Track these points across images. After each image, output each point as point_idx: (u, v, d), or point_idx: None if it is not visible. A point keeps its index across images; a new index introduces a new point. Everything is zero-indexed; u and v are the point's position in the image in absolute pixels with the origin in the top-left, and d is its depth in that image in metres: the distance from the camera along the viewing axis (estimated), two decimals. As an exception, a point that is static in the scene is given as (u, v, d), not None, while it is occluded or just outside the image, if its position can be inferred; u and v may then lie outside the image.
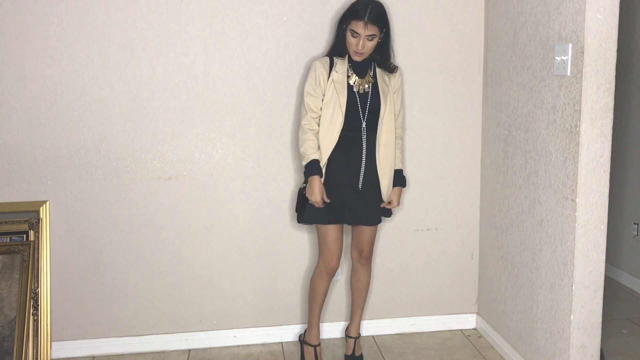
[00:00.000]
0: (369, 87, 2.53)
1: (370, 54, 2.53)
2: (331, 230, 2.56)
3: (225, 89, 2.78)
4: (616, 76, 2.17)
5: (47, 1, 2.62)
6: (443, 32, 2.88)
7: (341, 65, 2.52)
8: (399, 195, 2.64)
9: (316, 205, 2.50)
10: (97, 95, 2.71)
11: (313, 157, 2.50)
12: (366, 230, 2.64)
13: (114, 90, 2.72)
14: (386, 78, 2.58)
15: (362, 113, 2.52)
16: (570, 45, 2.18)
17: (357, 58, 2.49)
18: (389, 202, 2.61)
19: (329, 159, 2.51)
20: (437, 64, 2.90)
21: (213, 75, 2.77)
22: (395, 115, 2.60)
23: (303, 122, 2.54)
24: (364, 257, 2.70)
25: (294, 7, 2.75)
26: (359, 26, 2.39)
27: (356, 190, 2.54)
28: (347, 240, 2.81)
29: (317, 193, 2.48)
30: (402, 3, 2.82)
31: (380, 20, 2.42)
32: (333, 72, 2.51)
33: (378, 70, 2.57)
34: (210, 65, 2.76)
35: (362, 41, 2.42)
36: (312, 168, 2.50)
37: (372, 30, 2.40)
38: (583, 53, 2.12)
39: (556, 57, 2.26)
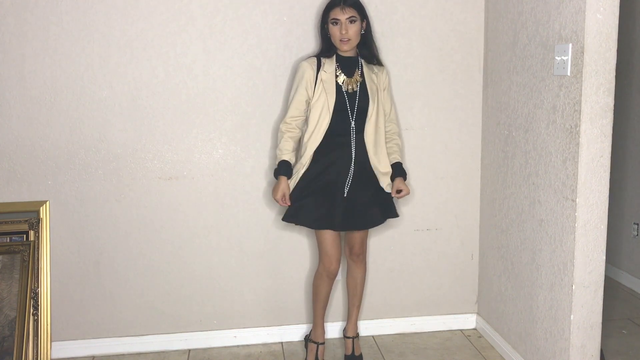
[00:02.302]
0: (357, 86, 2.54)
1: (357, 51, 2.57)
2: (328, 234, 2.56)
3: (225, 89, 2.78)
4: (616, 76, 2.17)
5: (47, 1, 2.62)
6: (443, 32, 2.88)
7: (329, 65, 2.54)
8: (404, 183, 2.63)
9: (279, 204, 2.55)
10: (97, 95, 2.71)
11: (284, 157, 2.54)
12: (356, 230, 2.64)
13: (114, 90, 2.72)
14: (374, 76, 2.59)
15: (351, 112, 2.53)
16: (570, 45, 2.18)
17: (344, 47, 2.50)
18: (398, 192, 2.60)
19: (314, 161, 2.52)
20: (437, 64, 2.90)
21: (213, 75, 2.77)
22: (385, 114, 2.62)
23: (281, 125, 2.58)
24: (354, 254, 2.70)
25: (294, 7, 2.75)
26: (336, 12, 2.46)
27: (343, 197, 2.53)
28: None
29: (278, 192, 2.52)
30: (402, 3, 2.82)
31: (356, 4, 2.48)
32: (321, 72, 2.53)
33: (365, 68, 2.58)
34: (210, 65, 2.76)
35: (344, 26, 2.45)
36: (280, 168, 2.54)
37: (350, 12, 2.45)
38: (583, 53, 2.12)
39: (556, 57, 2.26)
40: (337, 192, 2.53)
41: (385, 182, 2.59)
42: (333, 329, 2.99)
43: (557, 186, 2.32)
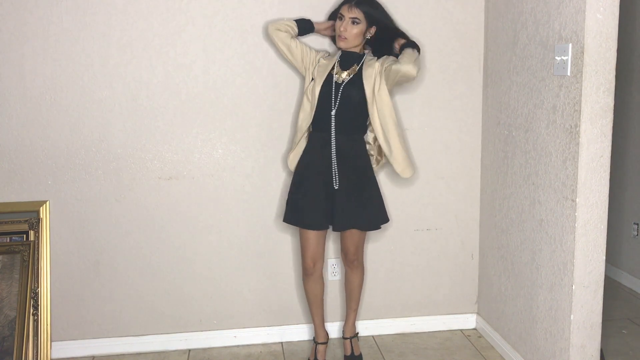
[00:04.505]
0: (348, 77, 2.51)
1: (364, 49, 2.56)
2: (308, 231, 2.56)
3: (225, 89, 2.79)
4: (616, 76, 2.17)
5: (47, 1, 2.62)
6: (443, 32, 2.88)
7: (332, 56, 2.57)
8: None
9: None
10: (97, 95, 2.71)
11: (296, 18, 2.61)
12: (348, 232, 2.60)
13: (114, 90, 2.72)
14: (372, 62, 2.53)
15: (334, 100, 2.49)
16: (570, 45, 2.18)
17: (341, 44, 2.50)
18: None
19: (302, 158, 2.56)
20: (437, 64, 2.90)
21: (213, 75, 2.77)
22: (388, 95, 2.51)
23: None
24: (349, 260, 2.67)
25: (294, 7, 2.75)
26: (344, 9, 2.47)
27: (333, 191, 2.50)
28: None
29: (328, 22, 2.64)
30: (402, 3, 2.82)
31: (366, 7, 2.45)
32: (321, 59, 2.57)
33: (366, 63, 2.53)
34: (210, 65, 2.76)
35: (345, 23, 2.45)
36: (303, 20, 2.61)
37: (355, 13, 2.44)
38: (583, 53, 2.12)
39: (556, 57, 2.26)
40: (327, 189, 2.50)
41: (399, 167, 2.55)
42: (333, 329, 2.99)
43: (557, 186, 2.32)
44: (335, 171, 2.49)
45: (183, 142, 2.80)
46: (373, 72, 2.50)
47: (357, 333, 2.84)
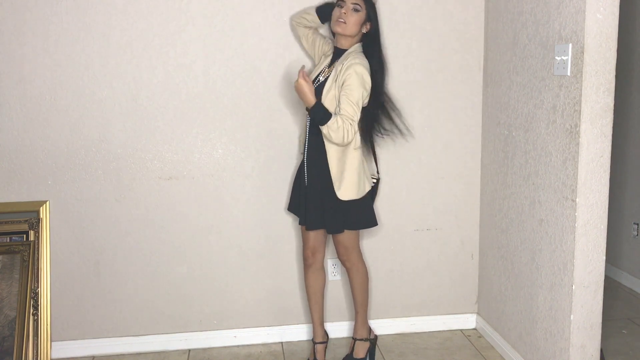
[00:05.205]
0: (324, 77, 2.47)
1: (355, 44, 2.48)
2: None
3: (225, 89, 2.79)
4: (616, 76, 2.17)
5: (47, 1, 2.62)
6: (443, 32, 2.88)
7: (329, 55, 2.55)
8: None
9: None
10: (97, 95, 2.71)
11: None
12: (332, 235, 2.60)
13: (114, 90, 2.72)
14: (339, 67, 2.39)
15: None
16: (570, 45, 2.18)
17: (338, 28, 2.41)
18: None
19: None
20: (437, 64, 2.90)
21: (213, 75, 2.77)
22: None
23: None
24: (340, 260, 2.67)
25: (293, 7, 2.75)
26: None
27: (304, 187, 2.53)
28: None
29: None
30: (402, 3, 2.82)
31: (368, 0, 2.44)
32: (323, 56, 2.58)
33: (339, 61, 2.43)
34: (210, 65, 2.76)
35: (345, 8, 2.39)
36: (323, 7, 2.60)
37: (358, 0, 2.39)
38: (583, 53, 2.12)
39: (556, 57, 2.26)
40: (301, 182, 2.56)
41: (338, 190, 2.42)
42: (333, 329, 2.99)
43: (557, 186, 2.32)
44: (304, 171, 2.53)
45: (183, 142, 2.80)
46: (334, 85, 2.38)
47: (373, 338, 2.79)
